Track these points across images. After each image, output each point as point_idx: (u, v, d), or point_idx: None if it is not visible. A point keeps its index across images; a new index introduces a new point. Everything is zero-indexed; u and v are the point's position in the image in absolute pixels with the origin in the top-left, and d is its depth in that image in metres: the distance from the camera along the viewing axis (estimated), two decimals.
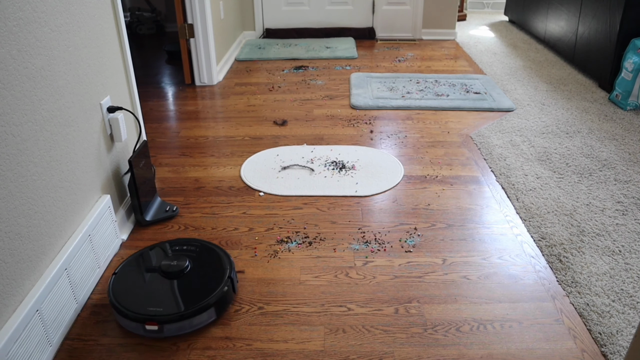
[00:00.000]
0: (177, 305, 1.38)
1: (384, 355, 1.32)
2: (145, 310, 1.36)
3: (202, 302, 1.38)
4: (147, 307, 1.37)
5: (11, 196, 1.18)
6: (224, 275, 1.47)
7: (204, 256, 1.56)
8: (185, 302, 1.39)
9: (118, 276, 1.49)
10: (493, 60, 3.81)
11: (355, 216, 1.91)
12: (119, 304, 1.38)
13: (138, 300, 1.39)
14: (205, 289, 1.43)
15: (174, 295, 1.41)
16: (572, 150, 2.38)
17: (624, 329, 1.39)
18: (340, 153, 2.38)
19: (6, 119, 1.17)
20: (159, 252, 1.59)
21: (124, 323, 1.39)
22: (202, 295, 1.41)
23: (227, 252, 1.57)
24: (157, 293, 1.42)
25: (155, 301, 1.39)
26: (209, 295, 1.40)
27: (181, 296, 1.41)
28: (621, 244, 1.73)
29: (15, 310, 1.20)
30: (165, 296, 1.41)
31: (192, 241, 1.63)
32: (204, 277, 1.48)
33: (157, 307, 1.37)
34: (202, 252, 1.57)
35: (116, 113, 1.73)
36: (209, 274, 1.49)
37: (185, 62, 3.30)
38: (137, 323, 1.35)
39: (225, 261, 1.53)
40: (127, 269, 1.52)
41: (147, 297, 1.40)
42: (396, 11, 4.34)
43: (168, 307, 1.37)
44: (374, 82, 3.30)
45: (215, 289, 1.43)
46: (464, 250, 1.72)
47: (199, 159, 2.35)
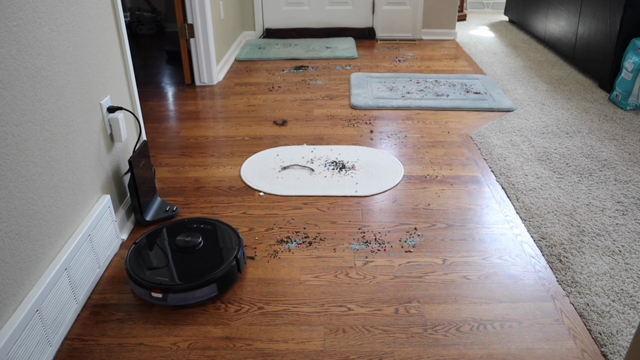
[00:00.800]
0: (183, 277, 1.48)
1: (384, 355, 1.32)
2: (153, 279, 1.47)
3: (206, 276, 1.47)
4: (156, 276, 1.48)
5: (11, 196, 1.18)
6: (231, 255, 1.56)
7: (217, 235, 1.66)
8: (191, 275, 1.48)
9: (137, 246, 1.61)
10: (493, 60, 3.81)
11: (355, 216, 1.91)
12: (133, 271, 1.51)
13: (150, 269, 1.52)
14: (212, 265, 1.52)
15: (183, 268, 1.52)
16: (572, 150, 2.39)
17: (624, 329, 1.39)
18: (340, 153, 2.38)
19: (6, 119, 1.17)
20: (178, 227, 1.71)
21: (135, 289, 1.51)
22: (207, 271, 1.50)
23: (239, 235, 1.66)
24: (168, 265, 1.54)
25: (164, 272, 1.50)
26: (213, 271, 1.50)
27: (189, 270, 1.51)
28: (621, 244, 1.73)
29: (15, 310, 1.20)
30: (174, 268, 1.52)
31: (210, 221, 1.74)
32: (212, 254, 1.58)
33: (164, 277, 1.48)
34: (216, 232, 1.68)
35: (116, 113, 1.73)
36: (218, 252, 1.59)
37: (185, 62, 3.30)
38: (144, 290, 1.46)
39: (235, 242, 1.62)
40: (147, 240, 1.65)
41: (159, 267, 1.53)
42: (396, 11, 4.34)
43: (174, 279, 1.48)
44: (374, 82, 3.30)
45: (221, 266, 1.52)
46: (464, 250, 1.72)
47: (199, 159, 2.35)
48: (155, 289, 1.45)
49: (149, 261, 1.55)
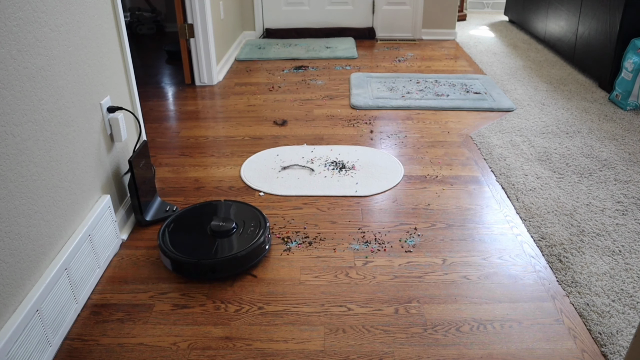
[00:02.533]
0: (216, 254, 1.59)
1: (384, 355, 1.32)
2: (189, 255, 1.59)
3: (235, 253, 1.59)
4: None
5: (11, 196, 1.18)
6: (259, 234, 1.68)
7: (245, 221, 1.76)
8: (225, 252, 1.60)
9: (174, 225, 1.73)
10: (493, 60, 3.81)
11: (355, 216, 1.91)
12: (169, 248, 1.62)
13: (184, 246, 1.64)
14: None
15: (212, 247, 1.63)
16: (572, 150, 2.39)
17: (624, 329, 1.39)
18: (340, 153, 2.38)
19: (6, 119, 1.17)
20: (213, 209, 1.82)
21: (164, 260, 1.63)
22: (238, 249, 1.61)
23: (266, 220, 1.75)
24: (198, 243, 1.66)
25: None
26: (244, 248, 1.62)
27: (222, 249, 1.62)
28: (621, 244, 1.73)
29: (15, 310, 1.20)
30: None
31: (244, 206, 1.84)
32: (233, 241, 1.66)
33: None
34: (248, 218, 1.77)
35: (116, 113, 1.73)
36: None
37: (185, 62, 3.30)
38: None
39: (262, 222, 1.73)
40: (184, 216, 1.77)
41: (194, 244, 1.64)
42: (396, 11, 4.34)
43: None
44: (374, 82, 3.30)
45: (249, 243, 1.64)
46: (464, 250, 1.72)
47: (199, 159, 2.35)
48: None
49: (183, 239, 1.67)
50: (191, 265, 1.56)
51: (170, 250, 1.60)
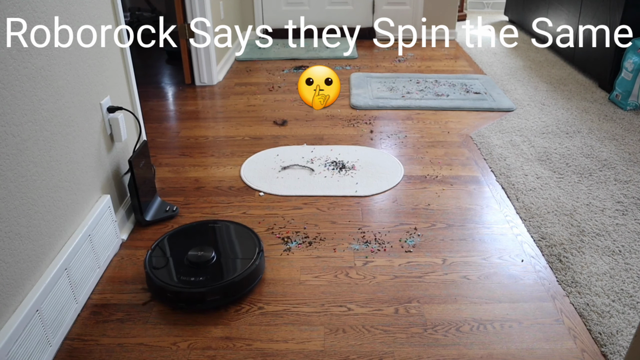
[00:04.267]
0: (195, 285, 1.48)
1: (384, 355, 1.32)
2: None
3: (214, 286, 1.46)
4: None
5: (11, 196, 1.18)
6: (245, 265, 1.55)
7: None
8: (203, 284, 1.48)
9: (153, 252, 1.61)
10: (493, 60, 3.81)
11: (355, 216, 1.91)
12: (153, 273, 1.52)
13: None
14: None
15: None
16: (572, 150, 2.38)
17: (624, 329, 1.39)
18: (340, 153, 2.38)
19: (6, 119, 1.17)
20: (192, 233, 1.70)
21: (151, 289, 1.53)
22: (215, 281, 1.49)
23: (260, 243, 1.64)
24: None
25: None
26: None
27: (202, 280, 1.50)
28: (621, 244, 1.73)
29: (15, 310, 1.20)
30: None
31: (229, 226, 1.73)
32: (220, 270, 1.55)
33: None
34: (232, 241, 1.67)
35: (116, 113, 1.73)
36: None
37: (185, 62, 3.30)
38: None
39: (255, 249, 1.61)
40: (163, 245, 1.65)
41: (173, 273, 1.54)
42: (396, 11, 4.34)
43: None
44: (374, 82, 3.30)
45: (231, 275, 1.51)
46: (464, 250, 1.72)
47: (199, 159, 2.35)
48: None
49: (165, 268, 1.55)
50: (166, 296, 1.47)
51: (153, 275, 1.50)
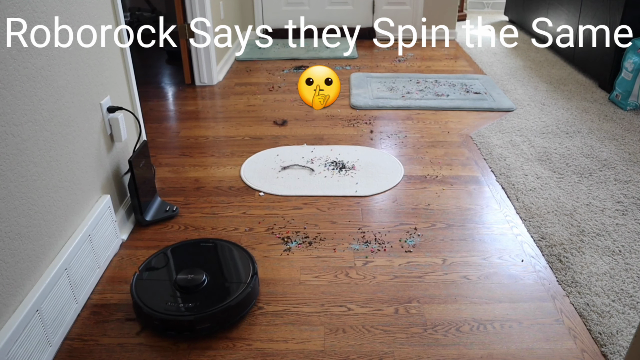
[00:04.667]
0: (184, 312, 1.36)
1: (384, 355, 1.32)
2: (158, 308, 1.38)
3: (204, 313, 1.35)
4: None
5: (11, 196, 1.18)
6: (237, 290, 1.43)
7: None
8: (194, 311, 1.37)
9: (139, 276, 1.49)
10: (493, 60, 3.81)
11: (355, 216, 1.91)
12: (140, 299, 1.40)
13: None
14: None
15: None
16: (572, 150, 2.38)
17: (624, 329, 1.39)
18: (340, 153, 2.38)
19: (6, 119, 1.17)
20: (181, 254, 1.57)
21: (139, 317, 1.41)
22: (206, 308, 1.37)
23: (253, 262, 1.53)
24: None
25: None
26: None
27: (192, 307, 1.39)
28: (621, 244, 1.73)
29: (15, 310, 1.20)
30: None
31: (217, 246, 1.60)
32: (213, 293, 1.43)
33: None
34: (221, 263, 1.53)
35: (116, 113, 1.73)
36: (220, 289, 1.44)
37: (185, 62, 3.30)
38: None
39: (249, 272, 1.49)
40: (149, 270, 1.51)
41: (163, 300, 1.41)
42: (396, 11, 4.34)
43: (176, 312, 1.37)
44: (374, 82, 3.30)
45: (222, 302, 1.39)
46: (464, 250, 1.72)
47: (199, 159, 2.35)
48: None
49: (155, 294, 1.43)
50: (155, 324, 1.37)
51: (140, 302, 1.39)
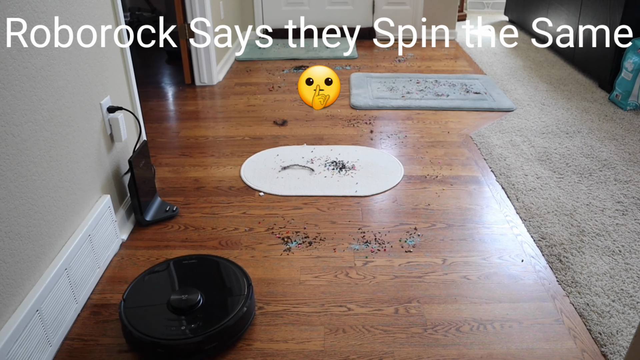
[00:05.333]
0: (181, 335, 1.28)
1: (384, 355, 1.32)
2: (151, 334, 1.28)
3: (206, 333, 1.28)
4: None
5: (11, 196, 1.18)
6: (235, 307, 1.36)
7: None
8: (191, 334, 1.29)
9: (127, 302, 1.39)
10: (493, 60, 3.81)
11: (355, 216, 1.91)
12: (130, 324, 1.31)
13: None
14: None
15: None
16: (572, 150, 2.38)
17: (624, 329, 1.39)
18: (340, 153, 2.38)
19: (6, 119, 1.17)
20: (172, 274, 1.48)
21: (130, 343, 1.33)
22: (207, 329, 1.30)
23: (248, 280, 1.45)
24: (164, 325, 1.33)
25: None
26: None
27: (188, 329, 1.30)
28: (621, 244, 1.73)
29: (15, 310, 1.20)
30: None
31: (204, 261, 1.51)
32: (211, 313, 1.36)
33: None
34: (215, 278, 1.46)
35: (116, 113, 1.73)
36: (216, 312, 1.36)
37: (185, 62, 3.30)
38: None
39: (243, 288, 1.41)
40: (136, 294, 1.41)
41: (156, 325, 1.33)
42: (396, 11, 4.34)
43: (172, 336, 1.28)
44: (374, 82, 3.30)
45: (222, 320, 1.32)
46: (464, 250, 1.72)
47: (199, 159, 2.35)
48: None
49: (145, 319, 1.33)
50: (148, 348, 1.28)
51: (129, 326, 1.31)
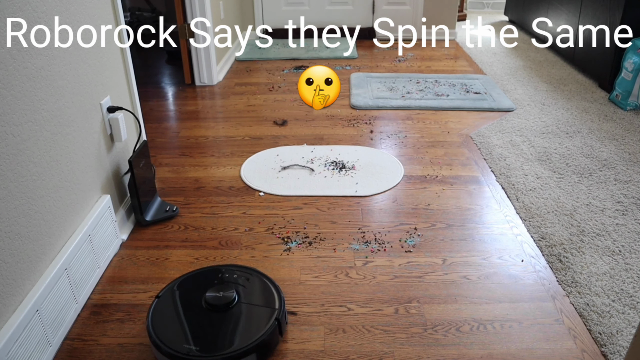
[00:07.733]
0: (215, 346, 1.24)
1: (384, 355, 1.32)
2: (180, 347, 1.23)
3: (243, 346, 1.23)
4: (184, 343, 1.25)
5: (11, 196, 1.18)
6: (272, 316, 1.32)
7: (253, 288, 1.42)
8: (227, 342, 1.24)
9: (161, 300, 1.37)
10: (493, 60, 3.81)
11: (355, 216, 1.91)
12: (156, 334, 1.27)
13: (176, 334, 1.27)
14: (249, 331, 1.28)
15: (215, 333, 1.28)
16: (572, 150, 2.38)
17: (624, 329, 1.39)
18: (340, 153, 2.38)
19: (6, 119, 1.17)
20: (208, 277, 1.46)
21: (158, 356, 1.27)
22: (244, 338, 1.26)
23: (278, 287, 1.42)
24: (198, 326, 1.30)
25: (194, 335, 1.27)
26: (251, 339, 1.25)
27: (222, 335, 1.26)
28: (621, 244, 1.73)
29: (15, 310, 1.20)
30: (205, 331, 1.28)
31: (244, 269, 1.48)
32: (249, 314, 1.33)
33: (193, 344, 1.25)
34: (253, 284, 1.44)
35: (116, 113, 1.73)
36: (255, 312, 1.34)
37: (185, 62, 3.30)
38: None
39: (275, 299, 1.38)
40: (171, 293, 1.40)
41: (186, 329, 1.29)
42: (396, 11, 4.34)
43: (205, 348, 1.23)
44: (374, 82, 3.30)
45: (260, 331, 1.28)
46: (464, 250, 1.72)
47: (199, 159, 2.35)
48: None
49: (174, 323, 1.30)
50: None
51: (156, 338, 1.27)
